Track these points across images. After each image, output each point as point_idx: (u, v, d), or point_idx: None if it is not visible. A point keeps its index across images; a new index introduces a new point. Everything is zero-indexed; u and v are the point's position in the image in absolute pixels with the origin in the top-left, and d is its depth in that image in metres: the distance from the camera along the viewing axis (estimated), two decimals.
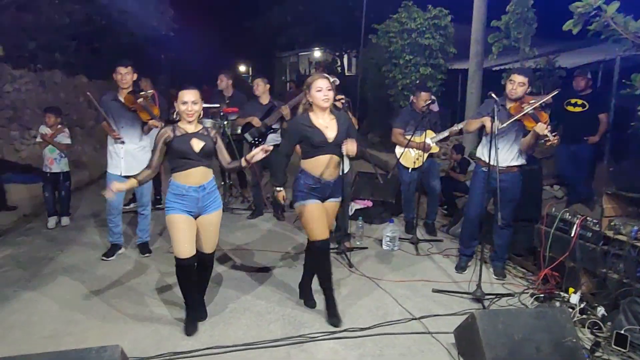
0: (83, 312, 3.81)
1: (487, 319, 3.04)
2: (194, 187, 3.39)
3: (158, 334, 3.47)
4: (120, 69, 4.62)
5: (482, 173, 4.37)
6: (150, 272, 4.58)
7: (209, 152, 3.46)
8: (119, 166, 4.76)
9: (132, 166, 4.69)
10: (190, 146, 3.37)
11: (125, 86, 4.66)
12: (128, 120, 4.72)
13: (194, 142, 3.39)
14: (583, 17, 4.10)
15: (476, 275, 4.03)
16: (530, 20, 7.63)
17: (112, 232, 4.94)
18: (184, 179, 3.39)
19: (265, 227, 5.96)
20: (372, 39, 10.70)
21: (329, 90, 3.52)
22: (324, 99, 3.50)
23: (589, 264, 3.86)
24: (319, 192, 3.60)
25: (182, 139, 3.38)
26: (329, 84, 3.54)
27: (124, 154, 4.74)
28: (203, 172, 3.43)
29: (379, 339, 3.42)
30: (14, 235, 5.58)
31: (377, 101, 11.19)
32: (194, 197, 3.40)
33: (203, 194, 3.43)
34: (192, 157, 3.38)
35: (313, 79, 3.56)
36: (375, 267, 4.73)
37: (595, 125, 5.91)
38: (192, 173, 3.39)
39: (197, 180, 3.40)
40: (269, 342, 3.36)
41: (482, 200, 4.42)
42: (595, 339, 3.37)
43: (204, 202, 3.45)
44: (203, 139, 3.43)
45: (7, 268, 4.62)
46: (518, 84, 4.13)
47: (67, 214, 5.96)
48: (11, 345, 3.33)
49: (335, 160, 3.60)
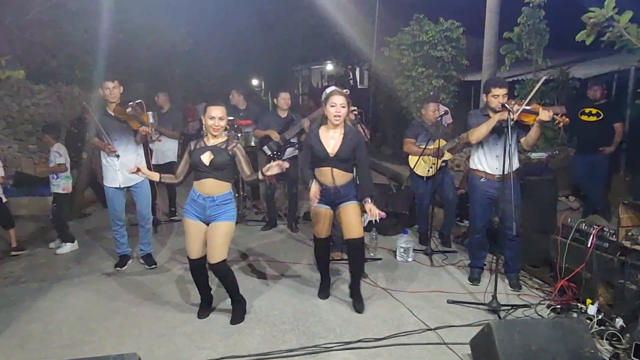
0: (99, 321, 3.85)
1: (504, 329, 3.00)
2: (203, 196, 3.65)
3: (173, 344, 3.50)
4: (108, 84, 4.65)
5: (481, 184, 4.36)
6: (163, 283, 4.62)
7: (220, 166, 3.62)
8: (117, 179, 4.79)
9: (129, 177, 4.74)
10: (200, 159, 3.60)
11: (114, 100, 4.69)
12: (121, 133, 4.76)
13: (205, 155, 3.62)
14: (596, 28, 4.11)
15: (491, 287, 4.00)
16: (543, 31, 7.63)
17: (119, 242, 5.00)
18: (197, 187, 3.69)
19: (279, 238, 5.98)
20: (384, 52, 10.75)
21: (342, 107, 3.74)
22: (335, 115, 3.75)
23: (606, 274, 3.81)
24: (326, 198, 3.90)
25: (197, 152, 3.65)
26: (344, 101, 3.71)
27: (120, 166, 4.76)
28: (214, 184, 3.64)
29: (394, 350, 3.40)
30: (32, 246, 5.66)
31: (390, 114, 11.21)
32: (202, 205, 3.65)
33: (212, 204, 3.62)
34: (202, 168, 3.63)
35: (331, 94, 3.81)
36: (389, 278, 4.71)
37: (611, 134, 5.86)
38: (203, 183, 3.66)
39: (207, 190, 3.64)
40: (284, 352, 3.36)
41: (486, 211, 4.44)
42: (614, 351, 3.31)
43: (212, 212, 3.64)
44: (216, 153, 3.61)
45: (25, 279, 4.70)
46: (502, 97, 4.12)
47: (65, 240, 5.56)
48: (29, 353, 3.39)
49: (337, 172, 3.85)
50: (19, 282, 4.65)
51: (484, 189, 4.35)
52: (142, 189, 4.91)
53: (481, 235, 4.53)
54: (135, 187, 4.87)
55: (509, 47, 7.97)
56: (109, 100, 4.69)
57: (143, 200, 4.97)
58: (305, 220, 6.54)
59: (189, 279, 4.57)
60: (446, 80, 9.70)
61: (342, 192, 3.89)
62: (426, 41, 9.53)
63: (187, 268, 4.87)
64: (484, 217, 4.46)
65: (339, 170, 3.84)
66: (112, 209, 4.87)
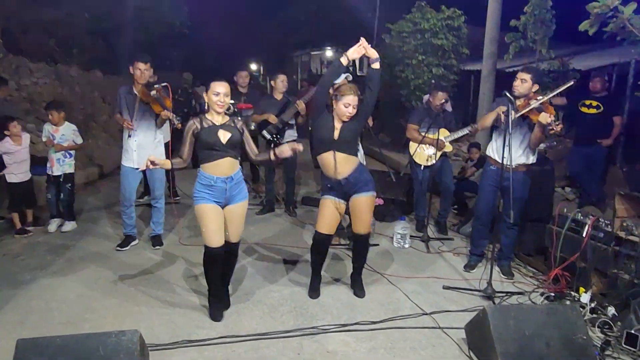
0: (99, 299, 3.90)
1: (499, 314, 3.07)
2: (222, 178, 3.46)
3: (172, 322, 3.55)
4: (140, 65, 4.64)
5: (491, 171, 4.42)
6: (164, 263, 4.67)
7: (236, 143, 3.52)
8: (132, 159, 4.82)
9: (145, 159, 4.75)
10: (217, 137, 3.44)
11: (143, 82, 4.69)
12: (142, 114, 4.77)
13: (221, 133, 3.46)
14: (599, 18, 4.13)
15: (486, 274, 4.07)
16: (548, 21, 7.63)
17: (126, 223, 5.02)
18: (212, 170, 3.46)
19: (277, 223, 6.02)
20: (385, 39, 10.73)
21: (354, 108, 3.72)
22: (347, 115, 3.72)
23: (600, 264, 3.88)
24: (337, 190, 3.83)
25: (210, 130, 3.45)
26: (357, 102, 3.72)
27: (137, 147, 4.79)
28: (230, 163, 3.50)
29: (390, 333, 3.47)
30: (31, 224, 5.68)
31: (389, 101, 11.21)
32: (221, 188, 3.47)
33: (231, 184, 3.50)
34: (220, 148, 3.44)
35: (345, 92, 3.72)
36: (386, 264, 4.78)
37: (609, 127, 5.91)
38: (220, 164, 3.46)
39: (225, 171, 3.47)
40: (282, 333, 3.42)
41: (493, 199, 4.45)
42: (606, 338, 3.39)
43: (232, 193, 3.52)
44: (230, 130, 3.50)
45: (24, 256, 4.72)
46: (520, 80, 4.18)
47: (70, 218, 5.57)
48: (30, 329, 3.42)
49: (340, 156, 3.75)
50: (18, 259, 4.68)
51: (492, 177, 4.39)
52: (157, 170, 4.92)
53: (482, 223, 4.58)
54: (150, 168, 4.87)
55: (513, 36, 7.97)
56: (138, 81, 4.67)
57: (156, 182, 5.01)
58: (303, 204, 6.59)
59: (189, 261, 4.66)
60: (446, 69, 9.71)
61: (352, 181, 3.78)
62: (427, 29, 9.52)
63: (185, 250, 4.98)
64: (488, 205, 4.48)
65: (342, 153, 3.74)
66: (123, 188, 4.88)
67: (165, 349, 3.21)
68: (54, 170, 5.38)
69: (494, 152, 4.43)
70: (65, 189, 5.46)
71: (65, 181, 5.45)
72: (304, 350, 3.24)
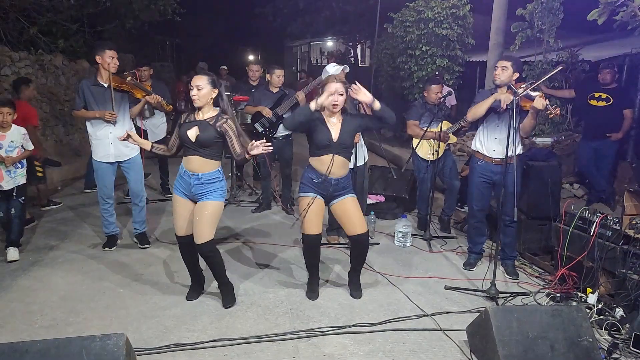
0: (84, 302, 3.91)
1: (501, 315, 3.09)
2: (189, 173, 3.67)
3: (162, 325, 3.57)
4: (111, 53, 4.55)
5: (479, 166, 4.47)
6: (152, 263, 4.69)
7: (206, 143, 3.59)
8: (109, 153, 4.74)
9: (122, 152, 4.77)
10: (186, 134, 3.61)
11: (113, 70, 4.60)
12: (118, 103, 4.67)
13: (192, 130, 3.61)
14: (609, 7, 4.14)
15: (490, 274, 4.09)
16: (556, 10, 7.62)
17: (108, 222, 4.96)
18: (184, 163, 3.71)
19: (272, 220, 6.04)
20: (388, 29, 10.72)
21: (340, 95, 3.71)
22: (333, 104, 3.72)
23: (608, 263, 3.90)
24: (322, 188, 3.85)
25: (185, 126, 3.66)
26: (341, 88, 3.71)
27: (113, 139, 4.68)
28: (199, 162, 3.63)
29: (389, 335, 3.49)
30: None
31: (392, 94, 11.21)
32: (187, 181, 3.68)
33: (196, 182, 3.63)
34: (188, 144, 3.63)
35: (327, 80, 3.79)
36: (386, 263, 4.80)
37: (619, 120, 5.92)
38: (189, 159, 3.67)
39: (192, 167, 3.66)
40: (277, 336, 3.44)
41: (483, 195, 4.54)
42: (613, 341, 3.41)
43: (197, 191, 3.66)
44: (203, 128, 3.59)
45: (4, 257, 4.70)
46: (501, 68, 4.25)
47: (15, 244, 4.78)
48: (11, 333, 3.43)
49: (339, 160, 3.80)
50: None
51: (481, 172, 4.46)
52: (135, 164, 4.88)
53: (478, 220, 4.64)
54: (128, 162, 4.85)
55: (520, 25, 7.97)
56: (108, 70, 4.57)
57: (136, 176, 4.94)
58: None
59: (178, 260, 4.66)
60: (451, 60, 9.71)
61: (341, 185, 3.85)
62: (431, 18, 9.51)
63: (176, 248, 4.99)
64: (481, 200, 4.56)
65: (340, 157, 3.78)
66: (101, 185, 4.85)
67: (154, 354, 3.22)
68: (3, 184, 4.67)
69: (481, 146, 4.47)
70: (17, 204, 4.76)
71: (18, 194, 4.77)
72: (299, 353, 3.26)
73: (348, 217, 3.88)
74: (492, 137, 4.38)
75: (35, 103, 8.19)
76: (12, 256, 4.69)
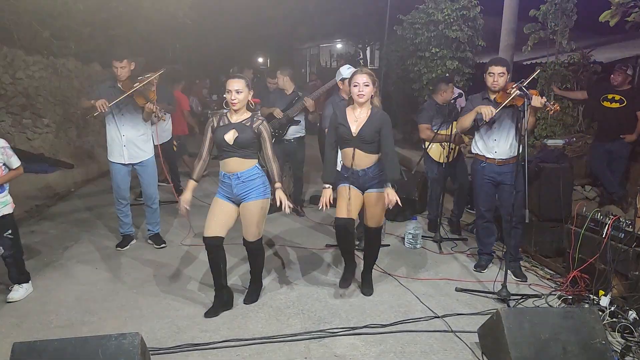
0: (99, 302, 3.97)
1: (513, 317, 3.10)
2: (228, 175, 3.71)
3: (175, 326, 3.61)
4: (116, 63, 4.67)
5: (482, 168, 4.49)
6: (167, 264, 4.74)
7: (245, 144, 3.66)
8: (122, 154, 4.86)
9: (135, 154, 4.85)
10: (223, 138, 3.64)
11: (123, 79, 4.73)
12: (129, 107, 4.78)
13: (230, 133, 3.65)
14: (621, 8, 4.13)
15: (501, 275, 4.09)
16: (569, 12, 7.60)
17: (123, 222, 5.07)
18: (222, 166, 3.75)
19: (284, 223, 6.07)
20: (397, 31, 10.72)
21: (365, 85, 3.83)
22: (359, 94, 3.83)
23: (620, 266, 3.89)
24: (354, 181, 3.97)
25: (221, 130, 3.69)
26: (367, 80, 3.83)
27: (126, 141, 4.82)
28: (237, 162, 3.69)
29: (401, 336, 3.51)
30: (26, 224, 5.78)
31: (401, 96, 11.21)
32: (228, 184, 3.72)
33: (237, 182, 3.67)
34: (226, 148, 3.66)
35: (353, 73, 3.93)
36: (396, 265, 4.81)
37: (633, 122, 5.90)
38: (227, 162, 3.72)
39: (231, 168, 3.69)
40: (288, 336, 3.47)
41: (489, 196, 4.55)
42: (626, 343, 3.40)
43: (240, 191, 3.69)
44: (240, 130, 3.65)
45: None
46: (498, 75, 4.30)
47: (22, 279, 3.99)
48: (27, 333, 3.49)
49: (359, 153, 3.89)
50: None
51: (485, 174, 4.47)
52: (148, 167, 4.97)
53: (486, 221, 4.64)
54: (141, 164, 4.93)
55: (532, 27, 7.95)
56: (119, 79, 4.72)
57: (149, 179, 5.03)
58: (311, 204, 6.64)
59: (193, 260, 4.73)
60: (461, 62, 9.69)
61: (370, 174, 3.94)
62: (441, 20, 9.50)
63: (189, 249, 5.06)
64: (487, 202, 4.56)
65: (361, 151, 3.87)
66: (116, 186, 4.94)
67: (168, 353, 3.27)
68: None
69: (482, 148, 4.49)
70: (5, 241, 3.84)
71: (3, 228, 3.82)
72: (311, 354, 3.29)
73: (370, 209, 4.02)
74: (491, 138, 4.40)
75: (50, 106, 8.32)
76: (12, 297, 3.89)
